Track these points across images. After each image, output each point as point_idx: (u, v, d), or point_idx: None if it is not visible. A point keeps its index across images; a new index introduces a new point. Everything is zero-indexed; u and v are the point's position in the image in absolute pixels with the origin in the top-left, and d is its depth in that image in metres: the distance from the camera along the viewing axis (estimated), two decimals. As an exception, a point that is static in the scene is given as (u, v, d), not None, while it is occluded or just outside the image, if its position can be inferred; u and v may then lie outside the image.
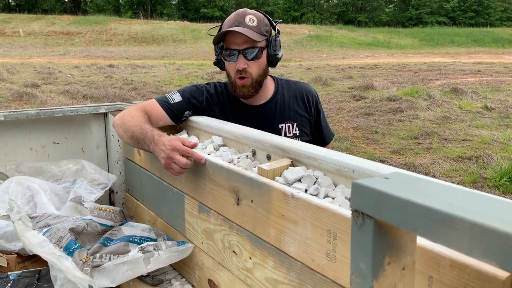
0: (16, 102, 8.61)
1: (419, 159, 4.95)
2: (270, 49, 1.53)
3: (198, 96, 1.61)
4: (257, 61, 1.50)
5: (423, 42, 33.48)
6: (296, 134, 1.62)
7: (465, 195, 0.52)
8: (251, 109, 1.61)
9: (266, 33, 1.51)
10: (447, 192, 0.53)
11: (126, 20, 36.14)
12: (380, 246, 0.57)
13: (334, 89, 10.39)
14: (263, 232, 1.03)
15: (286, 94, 1.65)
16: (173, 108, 1.56)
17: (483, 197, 0.52)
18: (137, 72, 13.73)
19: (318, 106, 1.69)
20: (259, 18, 1.50)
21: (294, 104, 1.64)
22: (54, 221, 1.31)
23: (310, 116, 1.66)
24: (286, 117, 1.62)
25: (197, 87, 1.64)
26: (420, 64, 17.16)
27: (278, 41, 1.55)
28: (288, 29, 35.06)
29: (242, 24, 1.46)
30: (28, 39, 28.28)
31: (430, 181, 0.58)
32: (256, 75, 1.51)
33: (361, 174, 0.93)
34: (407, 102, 7.96)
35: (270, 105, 1.62)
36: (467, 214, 0.45)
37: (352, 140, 5.97)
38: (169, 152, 1.22)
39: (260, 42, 1.48)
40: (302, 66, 16.25)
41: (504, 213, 0.46)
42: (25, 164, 1.68)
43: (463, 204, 0.49)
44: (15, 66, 14.15)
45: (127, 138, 1.44)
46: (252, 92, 1.53)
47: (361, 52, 26.21)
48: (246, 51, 1.47)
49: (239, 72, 1.49)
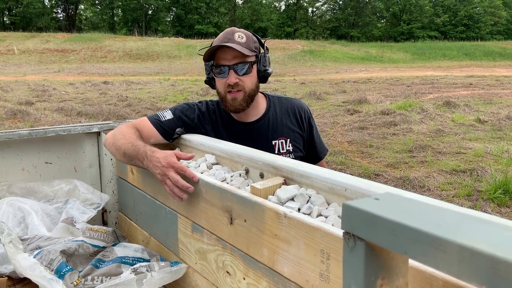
0: (9, 120, 8.57)
1: (414, 172, 4.96)
2: (260, 65, 1.55)
3: (189, 114, 1.62)
4: (248, 76, 1.52)
5: (415, 56, 33.91)
6: (289, 150, 1.62)
7: (455, 216, 0.52)
8: (244, 126, 1.62)
9: (255, 49, 1.54)
10: (438, 213, 0.53)
11: (121, 37, 36.35)
12: (372, 268, 0.57)
13: (328, 103, 10.45)
14: (257, 252, 1.03)
15: (278, 110, 1.66)
16: (163, 125, 1.57)
17: (473, 218, 0.52)
18: (132, 89, 13.75)
19: (311, 121, 1.70)
20: (247, 35, 1.53)
21: (287, 120, 1.65)
22: (45, 243, 1.30)
23: (303, 131, 1.67)
24: (279, 133, 1.62)
25: (188, 105, 1.66)
26: (412, 78, 17.34)
27: (267, 57, 1.57)
28: (282, 44, 35.43)
29: (232, 40, 1.48)
30: (23, 56, 28.33)
31: (420, 202, 0.58)
32: (248, 89, 1.53)
33: (353, 193, 0.93)
34: (401, 115, 8.01)
35: (262, 121, 1.62)
36: (456, 236, 0.45)
37: (346, 154, 5.98)
38: (164, 169, 1.23)
39: (250, 57, 1.50)
40: (296, 81, 16.37)
41: (494, 235, 0.46)
42: (17, 185, 1.67)
43: (453, 225, 0.49)
44: (9, 84, 14.13)
45: (120, 156, 1.44)
46: (243, 105, 1.54)
47: (354, 66, 26.47)
48: (237, 66, 1.49)
49: (230, 86, 1.50)
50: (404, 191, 0.87)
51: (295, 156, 1.62)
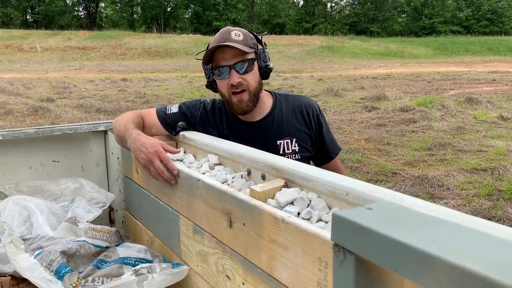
0: (31, 116, 8.73)
1: (433, 171, 4.84)
2: (260, 61, 1.51)
3: (193, 110, 1.62)
4: (250, 73, 1.47)
5: (437, 51, 33.20)
6: (295, 150, 1.57)
7: (452, 229, 0.48)
8: (248, 126, 1.58)
9: (253, 46, 1.50)
10: (434, 226, 0.49)
11: (140, 35, 36.71)
12: (363, 283, 0.53)
13: (345, 100, 10.31)
14: (255, 257, 0.99)
15: (284, 109, 1.61)
16: (167, 117, 1.60)
17: (471, 231, 0.47)
18: (149, 85, 13.87)
19: (320, 120, 1.64)
20: (244, 32, 1.49)
21: (293, 119, 1.59)
22: (47, 243, 1.29)
23: (310, 131, 1.61)
24: (284, 133, 1.57)
25: (197, 101, 1.65)
26: (433, 73, 16.97)
27: (266, 52, 1.53)
28: (300, 40, 35.19)
29: (229, 40, 1.44)
30: (45, 54, 28.91)
31: (416, 213, 0.53)
32: (253, 87, 1.49)
33: (355, 197, 0.88)
34: (420, 112, 7.84)
35: (267, 120, 1.58)
36: (448, 253, 0.41)
37: (363, 151, 5.88)
38: (151, 155, 1.30)
39: (249, 54, 1.46)
40: (314, 77, 16.22)
41: (490, 252, 0.42)
42: (24, 183, 1.67)
43: (448, 240, 0.44)
44: (32, 81, 14.43)
45: (115, 136, 1.55)
46: (250, 106, 1.50)
47: (373, 62, 26.07)
48: (237, 65, 1.45)
49: (233, 87, 1.46)
50: (409, 197, 0.82)
51: (302, 157, 1.57)
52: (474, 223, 0.63)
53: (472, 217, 0.70)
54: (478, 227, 0.61)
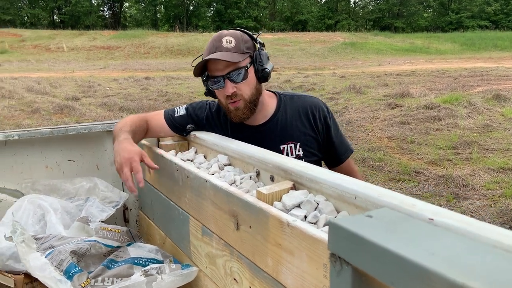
0: (57, 115, 8.94)
1: (458, 170, 4.70)
2: (257, 65, 1.43)
3: (199, 113, 1.60)
4: (245, 82, 1.42)
5: (464, 47, 32.30)
6: (299, 155, 1.50)
7: (456, 242, 0.44)
8: (251, 130, 1.52)
9: (247, 50, 1.43)
10: (436, 237, 0.45)
11: (163, 34, 37.12)
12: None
13: (368, 97, 10.14)
14: (262, 261, 0.97)
15: (289, 111, 1.54)
16: (175, 121, 1.59)
17: (476, 244, 0.43)
18: (172, 84, 14.00)
19: (328, 121, 1.55)
20: (236, 37, 1.42)
21: (297, 122, 1.52)
22: (59, 243, 1.30)
23: (316, 134, 1.53)
24: (288, 137, 1.50)
25: (203, 103, 1.63)
26: (460, 69, 16.51)
27: (263, 54, 1.45)
28: (322, 37, 34.85)
29: (220, 48, 1.38)
30: (71, 54, 29.59)
31: (419, 223, 0.50)
32: (248, 96, 1.43)
33: (363, 201, 0.84)
34: (446, 110, 7.63)
35: (270, 124, 1.52)
36: (448, 269, 0.37)
37: (385, 150, 5.77)
38: (123, 161, 1.29)
39: (242, 61, 1.40)
40: (336, 74, 16.03)
41: (494, 268, 0.38)
42: (40, 182, 1.70)
43: (448, 254, 0.41)
44: (58, 80, 14.78)
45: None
46: (247, 114, 1.46)
47: (398, 58, 25.57)
48: (231, 74, 1.39)
49: (229, 97, 1.43)
50: (420, 202, 0.77)
51: (307, 161, 1.48)
52: (487, 232, 0.59)
53: (487, 225, 0.66)
54: (491, 236, 0.57)
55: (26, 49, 30.61)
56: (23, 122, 7.93)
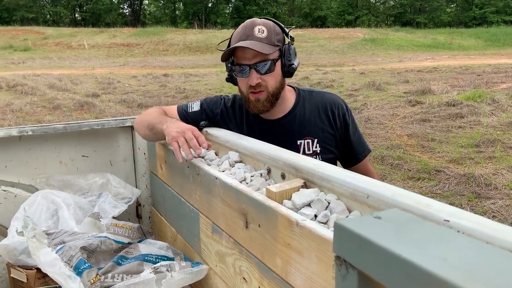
0: (77, 111, 9.08)
1: (480, 169, 4.58)
2: (284, 59, 1.41)
3: (214, 108, 1.58)
4: (271, 74, 1.39)
5: (488, 43, 31.46)
6: (316, 151, 1.48)
7: (469, 246, 0.40)
8: (269, 124, 1.51)
9: (278, 43, 1.40)
10: (448, 242, 0.42)
11: (182, 30, 37.33)
12: (368, 303, 0.46)
13: (388, 94, 9.97)
14: (270, 260, 0.94)
15: (308, 106, 1.51)
16: (189, 117, 1.57)
17: (491, 249, 0.39)
18: (190, 81, 14.06)
19: (346, 119, 1.52)
20: (269, 28, 1.39)
21: (316, 118, 1.50)
22: (70, 238, 1.30)
23: (335, 130, 1.51)
24: (305, 132, 1.48)
25: (218, 98, 1.61)
26: (484, 66, 16.09)
27: (292, 49, 1.42)
28: (342, 33, 34.45)
29: (251, 37, 1.36)
30: (92, 51, 30.05)
31: (431, 225, 0.46)
32: (272, 88, 1.41)
33: (376, 200, 0.81)
34: (468, 107, 7.44)
35: (288, 119, 1.50)
36: (458, 276, 0.34)
37: (405, 148, 5.65)
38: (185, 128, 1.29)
39: (272, 54, 1.37)
40: (355, 71, 15.82)
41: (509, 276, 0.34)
42: (55, 177, 1.71)
43: (461, 261, 0.37)
44: (79, 77, 15.02)
45: (143, 129, 1.53)
46: (267, 106, 1.43)
47: (419, 54, 25.09)
48: (258, 65, 1.37)
49: (252, 87, 1.40)
50: (436, 202, 0.73)
51: (324, 158, 1.47)
52: (506, 235, 0.55)
53: (507, 227, 0.62)
54: (510, 239, 0.53)
55: (48, 47, 31.24)
56: (45, 118, 8.08)
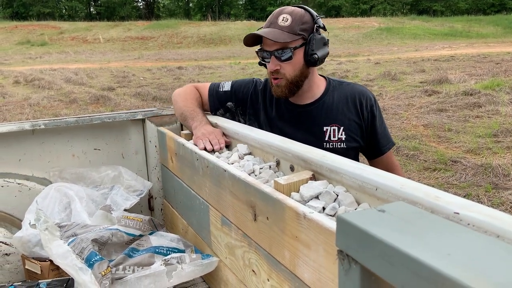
0: (93, 105, 9.18)
1: (498, 159, 4.48)
2: (308, 48, 1.41)
3: (245, 90, 1.64)
4: (290, 62, 1.42)
5: (508, 30, 30.64)
6: (341, 138, 1.50)
7: (476, 241, 0.39)
8: (298, 108, 1.54)
9: (301, 32, 1.41)
10: (454, 236, 0.40)
11: (196, 23, 37.33)
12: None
13: (404, 84, 9.82)
14: (279, 253, 0.93)
15: (337, 95, 1.54)
16: (216, 95, 1.66)
17: (499, 245, 0.38)
18: (203, 73, 14.07)
19: (374, 110, 1.54)
20: (295, 16, 1.41)
21: (344, 107, 1.52)
22: (82, 231, 1.31)
23: (361, 121, 1.53)
24: (332, 119, 1.51)
25: (250, 81, 1.67)
26: (503, 54, 15.70)
27: (318, 38, 1.43)
28: (356, 22, 34.00)
29: (274, 24, 1.40)
30: (107, 45, 30.30)
31: (437, 219, 0.44)
32: (290, 76, 1.44)
33: (385, 192, 0.79)
34: (486, 96, 7.28)
35: (316, 105, 1.53)
36: (463, 273, 0.32)
37: (421, 138, 5.57)
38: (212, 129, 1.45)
39: (291, 42, 1.39)
40: (370, 61, 15.61)
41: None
42: (68, 170, 1.73)
43: (466, 256, 0.36)
44: (94, 71, 15.17)
45: (177, 112, 1.66)
46: (286, 93, 1.47)
47: (436, 43, 24.60)
48: (277, 52, 1.41)
49: (272, 73, 1.45)
50: (446, 194, 0.71)
51: (348, 146, 1.50)
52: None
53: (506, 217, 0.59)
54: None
55: (64, 41, 31.62)
56: (61, 112, 8.20)
